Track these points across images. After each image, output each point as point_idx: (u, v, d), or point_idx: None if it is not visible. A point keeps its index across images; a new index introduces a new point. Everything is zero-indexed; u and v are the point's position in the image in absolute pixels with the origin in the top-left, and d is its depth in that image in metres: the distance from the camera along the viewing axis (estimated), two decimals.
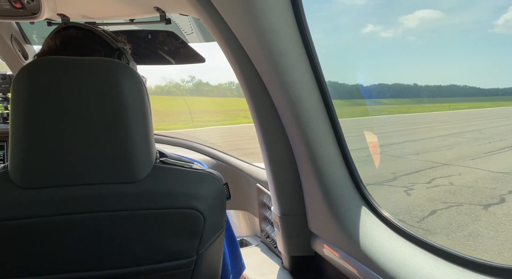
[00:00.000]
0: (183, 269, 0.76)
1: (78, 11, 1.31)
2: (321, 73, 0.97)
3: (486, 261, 0.73)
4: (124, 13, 1.31)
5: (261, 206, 1.63)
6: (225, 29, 0.98)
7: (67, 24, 0.85)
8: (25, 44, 1.90)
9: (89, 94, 0.66)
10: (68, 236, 0.68)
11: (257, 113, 1.11)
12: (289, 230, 1.22)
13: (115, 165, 0.67)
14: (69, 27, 0.84)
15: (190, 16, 1.35)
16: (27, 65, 0.66)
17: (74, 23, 0.86)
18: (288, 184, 1.17)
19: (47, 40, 0.83)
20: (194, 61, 1.33)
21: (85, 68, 0.67)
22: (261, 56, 0.96)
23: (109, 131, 0.66)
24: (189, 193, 0.73)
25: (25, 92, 0.64)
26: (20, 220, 0.65)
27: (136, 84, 0.69)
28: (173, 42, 1.23)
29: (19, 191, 0.65)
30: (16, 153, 0.65)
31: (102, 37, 0.85)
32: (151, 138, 0.72)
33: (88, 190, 0.67)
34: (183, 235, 0.74)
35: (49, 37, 0.84)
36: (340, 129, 1.03)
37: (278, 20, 0.89)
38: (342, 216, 1.01)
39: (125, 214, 0.69)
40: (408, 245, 0.88)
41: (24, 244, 0.66)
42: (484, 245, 3.56)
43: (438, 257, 0.81)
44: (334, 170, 1.03)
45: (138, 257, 0.72)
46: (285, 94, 0.98)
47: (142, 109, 0.70)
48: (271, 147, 1.14)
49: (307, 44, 0.94)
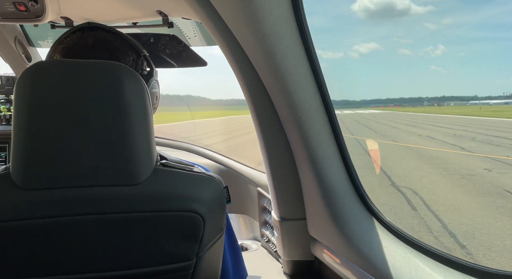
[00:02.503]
0: (182, 272, 0.76)
1: (82, 14, 1.32)
2: (321, 77, 0.97)
3: (486, 267, 0.73)
4: (127, 16, 1.32)
5: (262, 210, 1.62)
6: (227, 33, 0.99)
7: (91, 23, 0.85)
8: (28, 46, 1.91)
9: (91, 97, 0.66)
10: (68, 238, 0.68)
11: (258, 116, 1.11)
12: (289, 235, 1.22)
13: (116, 167, 0.67)
14: (94, 27, 0.85)
15: (193, 20, 1.36)
16: (30, 67, 0.66)
17: (100, 25, 0.86)
18: (288, 188, 1.17)
19: (72, 37, 0.83)
20: (196, 65, 1.33)
21: (87, 71, 0.67)
22: (262, 59, 0.96)
23: (110, 134, 0.67)
24: (189, 196, 0.73)
25: (28, 94, 0.65)
26: (21, 221, 0.65)
27: (138, 87, 0.69)
28: (175, 45, 1.23)
29: (21, 192, 0.65)
30: (17, 154, 0.65)
31: (129, 42, 0.86)
32: (152, 141, 0.72)
33: (88, 192, 0.67)
34: (183, 238, 0.74)
35: (76, 36, 0.83)
36: (340, 134, 1.03)
37: (279, 23, 0.89)
38: (342, 221, 1.00)
39: (125, 216, 0.69)
40: (409, 250, 0.87)
41: (24, 245, 0.66)
42: None
43: (438, 262, 0.80)
44: (334, 175, 1.02)
45: (138, 259, 0.72)
46: (286, 98, 0.99)
47: (143, 112, 0.70)
48: (271, 150, 1.14)
49: (308, 48, 0.94)
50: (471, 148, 10.89)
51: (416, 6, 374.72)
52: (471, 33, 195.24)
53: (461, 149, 10.79)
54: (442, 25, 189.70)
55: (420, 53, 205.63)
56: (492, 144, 12.07)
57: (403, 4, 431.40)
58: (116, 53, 0.83)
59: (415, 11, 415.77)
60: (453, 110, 47.73)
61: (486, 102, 66.23)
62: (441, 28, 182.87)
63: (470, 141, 12.89)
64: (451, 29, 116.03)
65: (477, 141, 12.68)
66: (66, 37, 0.84)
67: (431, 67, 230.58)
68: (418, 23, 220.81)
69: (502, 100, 65.87)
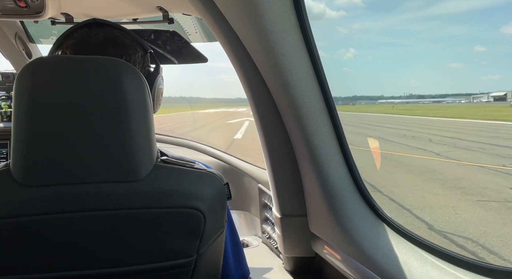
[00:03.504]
0: (183, 268, 0.76)
1: (82, 10, 1.31)
2: (322, 73, 0.97)
3: (487, 263, 0.72)
4: (127, 12, 1.32)
5: (262, 207, 1.62)
6: (227, 29, 0.98)
7: (96, 19, 0.85)
8: (29, 43, 1.90)
9: (92, 93, 0.66)
10: (69, 234, 0.68)
11: (259, 113, 1.11)
12: (290, 231, 1.22)
13: (117, 164, 0.67)
14: (101, 24, 0.84)
15: (193, 16, 1.35)
16: (30, 63, 0.66)
17: (107, 21, 0.85)
18: (289, 185, 1.17)
19: (80, 33, 0.82)
20: (196, 61, 1.33)
21: (87, 67, 0.67)
22: (263, 55, 0.96)
23: (111, 130, 0.66)
24: (190, 193, 0.73)
25: (28, 91, 0.64)
26: (22, 217, 0.65)
27: (138, 83, 0.69)
28: (176, 41, 1.23)
29: (21, 189, 0.65)
30: (18, 151, 0.65)
31: (136, 39, 0.86)
32: (152, 137, 0.72)
33: (89, 188, 0.67)
34: (183, 234, 0.74)
35: (84, 32, 0.82)
36: (341, 130, 1.02)
37: (280, 19, 0.89)
38: (343, 217, 1.00)
39: (126, 213, 0.69)
40: (410, 247, 0.87)
41: (25, 241, 0.66)
42: None
43: (439, 259, 0.80)
44: (335, 171, 1.02)
45: (138, 256, 0.72)
46: (287, 94, 0.98)
47: (144, 108, 0.70)
48: (272, 147, 1.14)
49: (309, 44, 0.94)
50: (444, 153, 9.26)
51: (330, 11, 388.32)
52: (378, 38, 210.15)
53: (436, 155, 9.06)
54: (352, 30, 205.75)
55: (335, 55, 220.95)
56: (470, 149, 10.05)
57: (319, 8, 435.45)
58: (127, 50, 0.83)
59: (329, 15, 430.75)
60: (367, 108, 50.37)
61: (391, 102, 74.92)
62: (352, 33, 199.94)
63: (431, 143, 11.45)
64: (361, 34, 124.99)
65: (442, 144, 11.13)
66: (72, 33, 0.83)
67: (344, 68, 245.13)
68: (333, 26, 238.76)
69: (403, 99, 78.52)
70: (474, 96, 76.56)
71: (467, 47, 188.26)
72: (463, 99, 76.61)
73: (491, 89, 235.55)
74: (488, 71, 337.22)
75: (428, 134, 14.30)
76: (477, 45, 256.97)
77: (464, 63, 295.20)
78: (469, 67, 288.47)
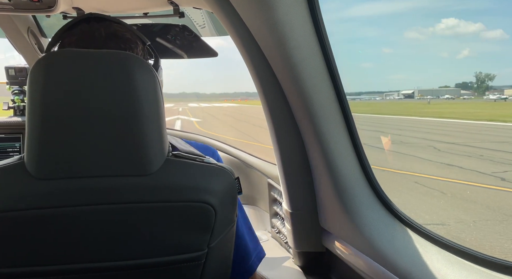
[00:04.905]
0: (194, 262, 0.77)
1: (94, 5, 1.32)
2: (335, 67, 0.96)
3: (501, 259, 0.71)
4: (138, 7, 1.32)
5: (272, 202, 1.62)
6: (238, 22, 0.98)
7: (93, 14, 0.84)
8: (41, 37, 1.92)
9: (104, 87, 0.66)
10: (81, 227, 0.68)
11: (269, 108, 1.10)
12: (300, 226, 1.22)
13: (129, 158, 0.68)
14: (99, 19, 0.84)
15: (204, 9, 1.35)
16: (43, 58, 0.66)
17: (104, 15, 0.85)
18: (299, 180, 1.17)
19: (80, 28, 0.81)
20: (206, 55, 1.32)
21: (100, 61, 0.67)
22: (274, 49, 0.95)
23: (123, 124, 0.67)
24: (201, 187, 0.73)
25: (41, 85, 0.65)
26: (35, 210, 0.66)
27: (150, 78, 0.69)
28: (185, 35, 1.23)
29: (35, 182, 0.66)
30: (31, 144, 0.66)
31: (135, 32, 0.86)
32: (164, 131, 0.72)
33: (101, 182, 0.67)
34: (194, 228, 0.74)
35: (85, 26, 0.81)
36: (354, 126, 1.01)
37: (292, 12, 0.88)
38: (354, 212, 0.99)
39: (137, 207, 0.69)
40: (421, 242, 0.86)
41: (38, 234, 0.67)
42: None
43: (451, 254, 0.79)
44: (347, 166, 1.01)
45: (149, 249, 0.73)
46: (298, 89, 0.97)
47: (156, 102, 0.70)
48: (283, 142, 1.14)
49: (321, 37, 0.92)
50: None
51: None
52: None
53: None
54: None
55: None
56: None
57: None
58: (129, 44, 0.83)
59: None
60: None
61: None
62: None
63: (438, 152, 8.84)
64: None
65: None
66: (70, 28, 0.82)
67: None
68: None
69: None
70: (386, 93, 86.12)
71: (377, 48, 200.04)
72: (377, 97, 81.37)
73: (398, 87, 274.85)
74: (394, 71, 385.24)
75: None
76: (386, 47, 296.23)
77: (374, 63, 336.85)
78: (378, 67, 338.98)
